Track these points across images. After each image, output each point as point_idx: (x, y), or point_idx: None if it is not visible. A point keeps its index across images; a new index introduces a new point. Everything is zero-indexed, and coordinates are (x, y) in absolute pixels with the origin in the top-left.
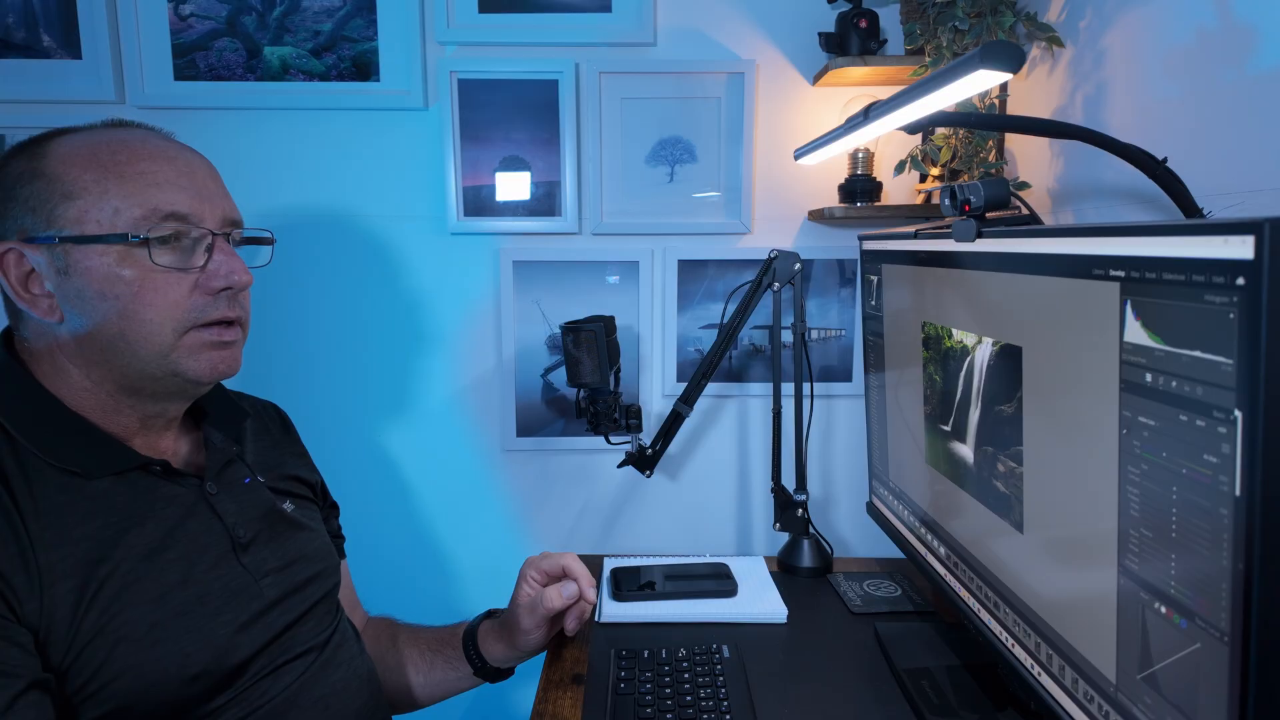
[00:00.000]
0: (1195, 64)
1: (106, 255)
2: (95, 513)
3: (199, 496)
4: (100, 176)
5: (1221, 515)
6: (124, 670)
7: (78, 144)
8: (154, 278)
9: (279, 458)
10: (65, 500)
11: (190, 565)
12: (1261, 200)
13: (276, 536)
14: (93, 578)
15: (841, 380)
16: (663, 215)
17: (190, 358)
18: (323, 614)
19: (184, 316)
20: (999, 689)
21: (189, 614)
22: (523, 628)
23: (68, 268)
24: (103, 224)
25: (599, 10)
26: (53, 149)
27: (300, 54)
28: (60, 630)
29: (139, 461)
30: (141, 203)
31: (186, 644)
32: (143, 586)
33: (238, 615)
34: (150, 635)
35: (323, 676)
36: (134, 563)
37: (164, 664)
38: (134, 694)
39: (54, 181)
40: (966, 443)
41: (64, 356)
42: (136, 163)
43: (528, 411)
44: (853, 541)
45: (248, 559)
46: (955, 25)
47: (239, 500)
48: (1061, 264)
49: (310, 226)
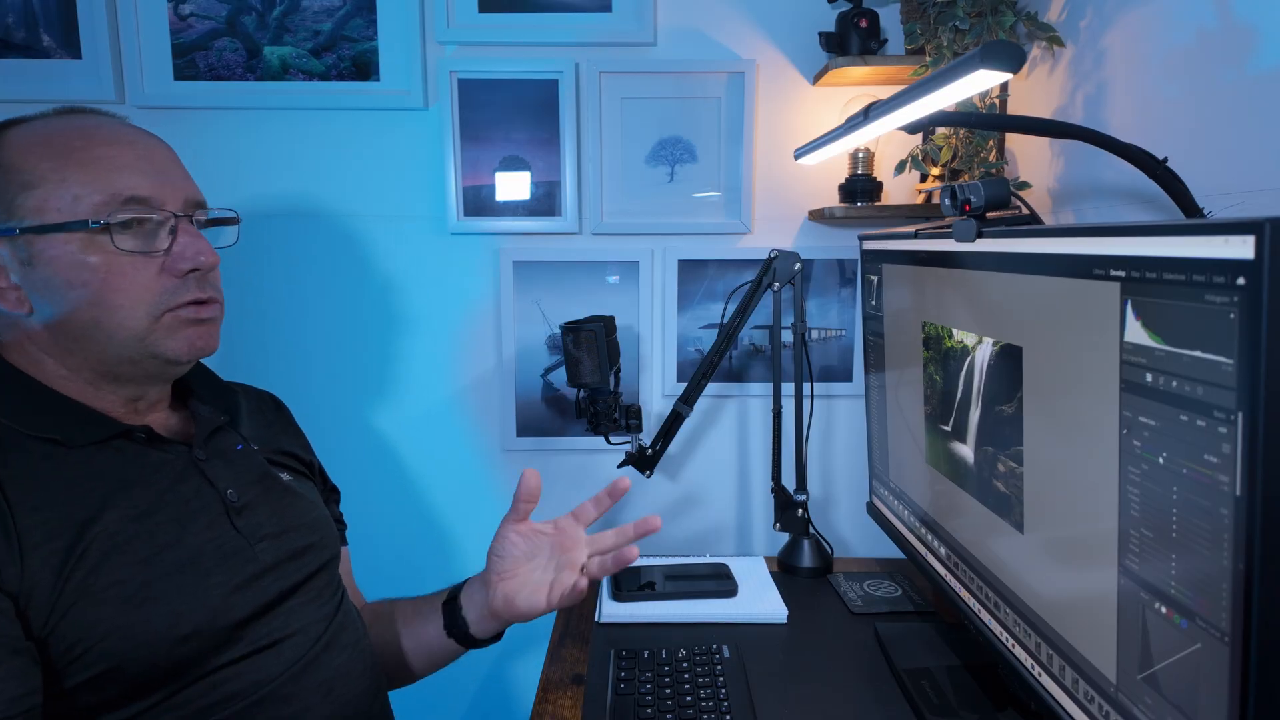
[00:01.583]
0: (1195, 64)
1: (70, 243)
2: (79, 478)
3: (188, 463)
4: (59, 164)
5: (1222, 515)
6: (112, 630)
7: (33, 133)
8: (119, 263)
9: (274, 435)
10: (47, 467)
11: (182, 527)
12: (1261, 200)
13: (272, 502)
14: (80, 540)
15: (842, 380)
16: (663, 215)
17: (169, 338)
18: (322, 587)
19: (155, 300)
20: (999, 689)
21: (181, 573)
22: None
23: (31, 258)
24: (63, 212)
25: (599, 10)
26: (7, 139)
27: (300, 54)
28: (43, 594)
29: (121, 429)
30: (101, 188)
31: (177, 603)
32: (133, 547)
33: (231, 577)
34: (140, 594)
35: (325, 658)
36: (123, 524)
37: (154, 623)
38: (123, 654)
39: (11, 172)
40: (967, 443)
41: (36, 347)
42: (94, 148)
43: (528, 411)
44: (853, 541)
45: (241, 522)
46: (955, 25)
47: (231, 466)
48: (1062, 264)
49: (310, 226)
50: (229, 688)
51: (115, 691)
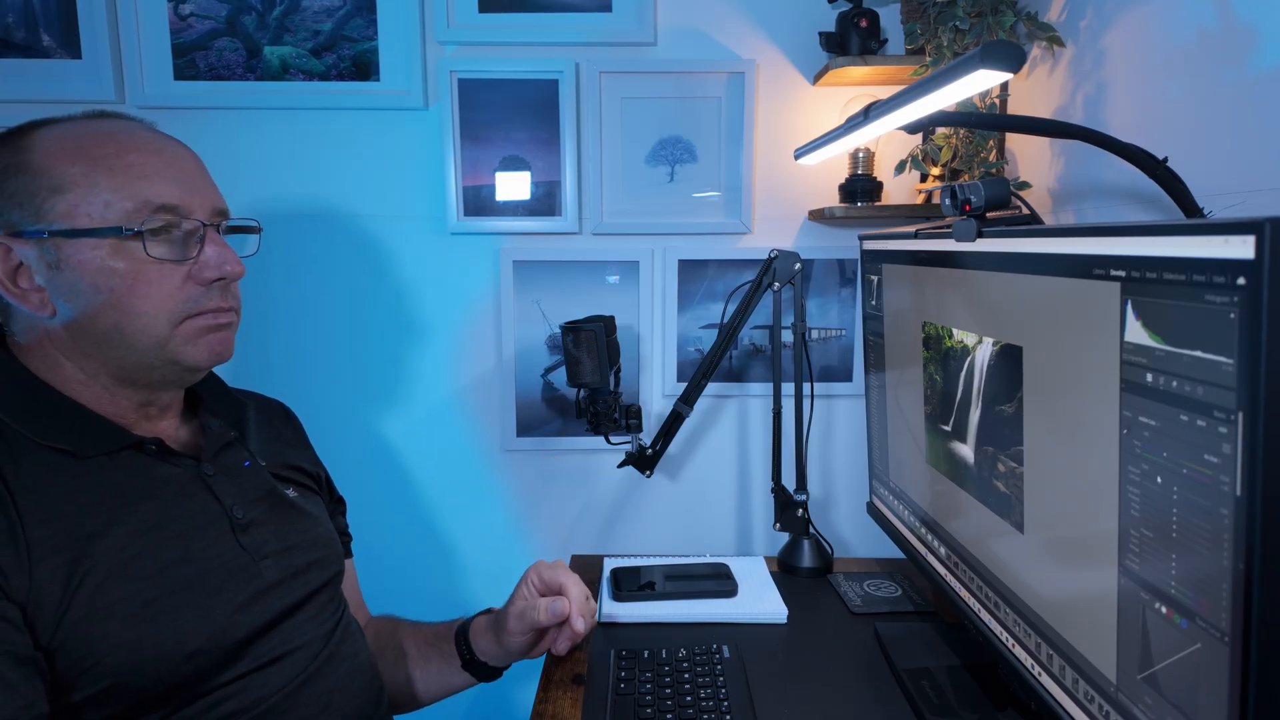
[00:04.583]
0: (1195, 64)
1: (99, 249)
2: (88, 490)
3: (195, 477)
4: (89, 169)
5: (1222, 515)
6: (118, 645)
7: (62, 136)
8: (147, 270)
9: (281, 448)
10: (57, 479)
11: (189, 543)
12: (1261, 200)
13: (276, 519)
14: (87, 553)
15: (842, 380)
16: (663, 215)
17: (188, 345)
18: (324, 603)
19: (178, 308)
20: (999, 689)
21: (189, 590)
22: (509, 630)
23: (59, 262)
24: (94, 217)
25: (599, 10)
26: (37, 141)
27: (300, 54)
28: (50, 606)
29: (132, 440)
30: (132, 195)
31: (184, 620)
32: (140, 563)
33: (236, 595)
34: (147, 610)
35: (326, 671)
36: (130, 539)
37: (160, 640)
38: (128, 670)
39: (41, 175)
40: (967, 443)
41: (56, 350)
42: (125, 155)
43: (528, 411)
44: (853, 541)
45: (247, 540)
46: (956, 25)
47: (237, 482)
48: (1062, 264)
49: (310, 226)
50: (231, 705)
51: (119, 707)
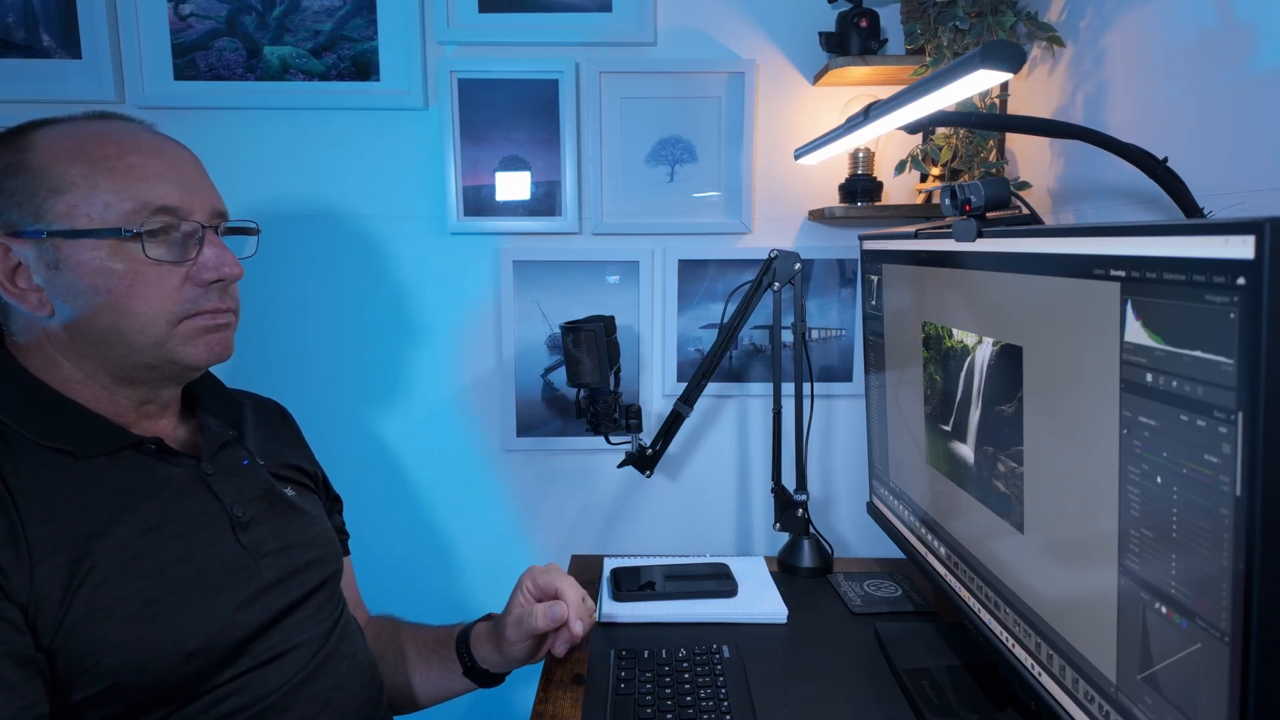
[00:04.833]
0: (1195, 64)
1: (98, 249)
2: (89, 490)
3: (195, 476)
4: (89, 170)
5: (1222, 515)
6: (119, 645)
7: (63, 136)
8: (146, 271)
9: (279, 448)
10: (57, 479)
11: (189, 543)
12: (1261, 200)
13: (276, 518)
14: (87, 553)
15: (842, 380)
16: (663, 215)
17: (187, 344)
18: (324, 601)
19: (176, 309)
20: (999, 689)
21: (189, 590)
22: (508, 638)
23: (57, 262)
24: (93, 218)
25: (599, 10)
26: (36, 142)
27: (300, 54)
28: (51, 606)
29: (132, 440)
30: (132, 196)
31: (185, 620)
32: (141, 563)
33: (236, 594)
34: (147, 610)
35: (326, 669)
36: (131, 539)
37: (160, 639)
38: (129, 670)
39: (40, 175)
40: (967, 443)
41: (54, 349)
42: (125, 156)
43: (527, 411)
44: (853, 541)
45: (246, 539)
46: (956, 25)
47: (236, 481)
48: (1062, 264)
49: (310, 226)
50: (231, 703)
51: (119, 707)
